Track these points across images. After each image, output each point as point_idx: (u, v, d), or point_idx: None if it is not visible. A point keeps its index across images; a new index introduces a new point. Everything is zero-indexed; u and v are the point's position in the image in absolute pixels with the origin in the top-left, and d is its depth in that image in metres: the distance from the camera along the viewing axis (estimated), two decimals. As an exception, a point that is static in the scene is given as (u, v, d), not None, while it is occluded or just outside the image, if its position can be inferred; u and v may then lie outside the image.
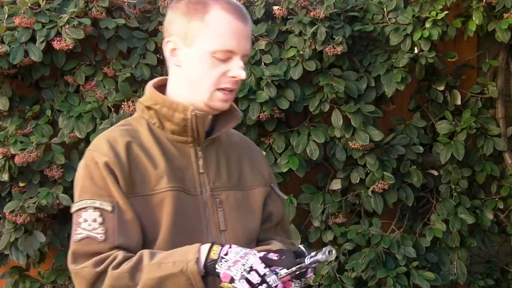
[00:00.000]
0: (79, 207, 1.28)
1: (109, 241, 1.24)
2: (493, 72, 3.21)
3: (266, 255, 1.18)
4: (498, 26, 2.87)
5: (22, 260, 2.67)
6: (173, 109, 1.33)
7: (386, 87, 2.87)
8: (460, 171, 3.08)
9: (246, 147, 1.52)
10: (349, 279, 2.87)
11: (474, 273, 3.26)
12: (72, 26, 2.63)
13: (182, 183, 1.33)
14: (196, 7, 1.32)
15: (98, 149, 1.30)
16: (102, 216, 1.25)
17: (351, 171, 2.94)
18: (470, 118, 3.03)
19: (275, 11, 2.87)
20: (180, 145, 1.36)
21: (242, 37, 1.31)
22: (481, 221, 3.09)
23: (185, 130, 1.35)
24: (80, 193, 1.29)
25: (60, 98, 2.79)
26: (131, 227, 1.26)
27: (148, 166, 1.31)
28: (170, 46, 1.35)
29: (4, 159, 2.62)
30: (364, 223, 2.98)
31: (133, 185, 1.29)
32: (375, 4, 2.96)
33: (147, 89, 1.39)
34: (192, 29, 1.31)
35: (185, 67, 1.34)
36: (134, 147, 1.31)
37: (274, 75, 2.74)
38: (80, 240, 1.25)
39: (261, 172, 1.50)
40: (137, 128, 1.36)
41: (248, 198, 1.44)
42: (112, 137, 1.32)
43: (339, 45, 2.78)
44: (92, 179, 1.28)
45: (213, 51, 1.29)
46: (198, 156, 1.37)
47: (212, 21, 1.30)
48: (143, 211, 1.29)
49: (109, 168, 1.27)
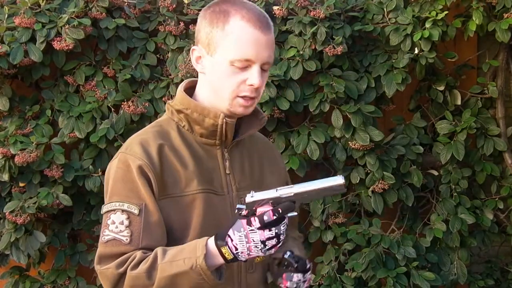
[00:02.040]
0: (108, 209, 1.34)
1: (134, 244, 1.30)
2: (493, 72, 3.21)
3: (261, 216, 1.23)
4: (498, 26, 2.87)
5: (23, 260, 2.67)
6: (204, 115, 1.39)
7: (386, 88, 2.87)
8: (460, 171, 3.08)
9: (267, 148, 1.61)
10: (349, 279, 2.87)
11: (474, 273, 3.26)
12: (72, 26, 2.63)
13: (211, 184, 1.40)
14: (218, 16, 1.37)
15: (132, 152, 1.35)
16: (129, 219, 1.31)
17: (351, 171, 2.94)
18: (470, 118, 3.02)
19: (275, 11, 2.86)
20: (207, 147, 1.43)
21: (261, 46, 1.35)
22: (481, 221, 3.09)
23: (213, 134, 1.41)
24: (111, 195, 1.35)
25: (60, 98, 2.79)
26: (156, 229, 1.32)
27: (179, 168, 1.36)
28: (195, 53, 1.41)
29: (4, 159, 2.62)
30: (364, 223, 2.98)
31: (165, 187, 1.34)
32: (375, 4, 2.96)
33: (178, 93, 1.44)
34: (214, 38, 1.36)
35: (208, 75, 1.39)
36: (166, 150, 1.37)
37: (274, 75, 2.75)
38: (106, 242, 1.31)
39: (279, 172, 1.59)
40: (167, 130, 1.42)
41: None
42: (145, 140, 1.37)
43: (339, 45, 2.78)
44: (123, 182, 1.33)
45: (231, 60, 1.34)
46: (225, 158, 1.44)
47: (231, 30, 1.34)
48: (174, 211, 1.35)
49: (143, 171, 1.32)
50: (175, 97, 1.45)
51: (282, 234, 1.25)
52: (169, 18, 2.85)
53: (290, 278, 1.44)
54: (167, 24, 2.84)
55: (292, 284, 1.44)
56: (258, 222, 1.22)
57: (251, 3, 1.40)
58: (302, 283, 1.45)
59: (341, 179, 1.24)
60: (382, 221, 3.01)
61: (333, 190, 1.25)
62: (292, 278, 1.44)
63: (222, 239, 1.25)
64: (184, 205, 1.35)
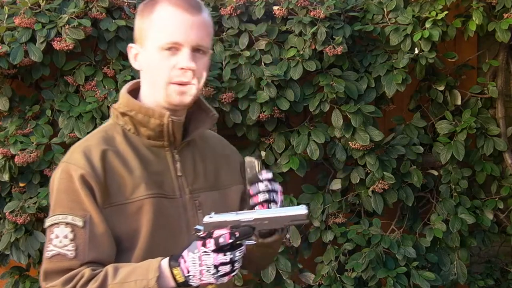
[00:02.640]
0: (51, 222, 1.27)
1: (80, 258, 1.24)
2: (493, 72, 3.21)
3: (217, 238, 1.16)
4: (498, 26, 2.87)
5: (23, 260, 2.68)
6: (149, 115, 1.32)
7: (386, 88, 2.86)
8: (460, 171, 3.08)
9: (222, 146, 1.53)
10: (349, 279, 2.87)
11: (474, 273, 3.26)
12: (72, 26, 2.63)
13: (161, 188, 1.33)
14: (146, 7, 1.33)
15: (73, 161, 1.28)
16: (73, 232, 1.24)
17: (351, 171, 2.94)
18: (470, 118, 3.03)
19: (275, 11, 2.86)
20: (156, 149, 1.36)
21: (190, 28, 1.29)
22: (481, 221, 3.09)
23: (161, 135, 1.34)
24: (54, 208, 1.28)
25: (60, 98, 2.79)
26: (102, 241, 1.25)
27: (124, 174, 1.30)
28: (133, 51, 1.36)
29: (4, 159, 2.62)
30: (364, 223, 2.98)
31: (110, 195, 1.27)
32: (375, 4, 2.96)
33: (121, 95, 1.38)
34: (144, 30, 1.32)
35: (145, 69, 1.34)
36: (109, 156, 1.30)
37: (274, 75, 2.75)
38: (51, 257, 1.25)
39: (237, 170, 1.50)
40: (112, 135, 1.35)
41: (226, 197, 1.44)
42: (87, 147, 1.31)
43: (339, 45, 2.78)
44: (66, 193, 1.27)
45: (159, 45, 1.29)
46: (175, 160, 1.37)
47: (157, 16, 1.30)
48: (121, 220, 1.28)
49: (85, 181, 1.25)
50: (119, 100, 1.39)
51: (237, 261, 1.17)
52: (169, 18, 2.85)
53: (257, 189, 1.34)
54: (167, 24, 2.84)
55: (262, 195, 1.33)
56: (213, 244, 1.15)
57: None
58: (274, 193, 1.35)
59: (304, 209, 1.21)
60: (382, 221, 3.01)
61: (296, 219, 1.21)
62: (259, 188, 1.34)
63: (176, 260, 1.19)
64: (132, 213, 1.28)
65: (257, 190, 1.34)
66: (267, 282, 2.78)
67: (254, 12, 2.87)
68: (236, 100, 2.75)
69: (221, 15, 2.87)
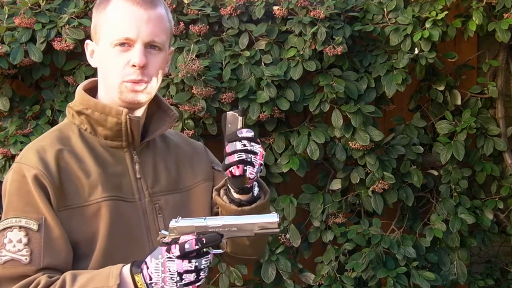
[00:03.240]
0: (4, 226, 1.20)
1: (35, 263, 1.18)
2: (493, 72, 3.21)
3: (183, 244, 1.10)
4: (498, 26, 2.87)
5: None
6: (105, 113, 1.27)
7: (386, 88, 2.86)
8: (460, 171, 3.08)
9: (185, 145, 1.47)
10: (349, 279, 2.87)
11: (474, 273, 3.26)
12: (72, 26, 2.63)
13: (119, 190, 1.28)
14: (102, 2, 1.29)
15: (27, 161, 1.23)
16: (27, 236, 1.18)
17: (351, 171, 2.94)
18: (470, 118, 3.03)
19: (275, 11, 2.86)
20: (114, 150, 1.31)
21: (141, 23, 1.24)
22: (481, 221, 3.09)
23: (118, 135, 1.29)
24: (6, 210, 1.22)
25: (60, 98, 2.79)
26: (58, 245, 1.20)
27: (80, 176, 1.24)
28: (89, 48, 1.33)
29: (4, 159, 2.63)
30: (364, 223, 2.98)
31: (65, 197, 1.22)
32: (375, 4, 2.96)
33: (77, 93, 1.33)
34: (97, 25, 1.29)
35: (99, 66, 1.31)
36: (65, 156, 1.25)
37: (274, 75, 2.75)
38: (4, 263, 1.18)
39: (202, 167, 1.45)
40: (68, 134, 1.29)
41: (188, 199, 1.39)
42: (41, 147, 1.25)
43: (339, 45, 2.78)
44: (19, 195, 1.21)
45: (112, 42, 1.25)
46: (134, 161, 1.32)
47: (110, 12, 1.26)
48: (77, 223, 1.23)
49: (38, 181, 1.20)
50: (75, 98, 1.33)
51: (202, 270, 1.11)
52: (169, 18, 2.85)
53: (233, 148, 1.23)
54: (167, 24, 2.84)
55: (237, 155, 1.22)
56: (178, 250, 1.09)
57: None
58: (252, 154, 1.23)
59: (275, 217, 1.14)
60: (382, 221, 3.01)
61: (267, 228, 1.14)
62: (236, 147, 1.23)
63: (138, 266, 1.13)
64: (88, 216, 1.22)
65: (234, 148, 1.22)
66: (267, 282, 2.78)
67: (254, 12, 2.87)
68: (236, 100, 2.75)
69: (221, 15, 2.87)
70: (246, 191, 1.30)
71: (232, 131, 1.25)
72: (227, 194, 1.33)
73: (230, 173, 1.24)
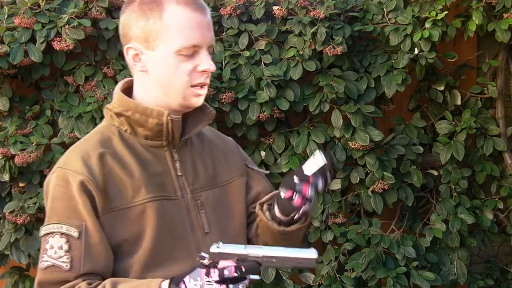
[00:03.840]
0: (46, 231, 1.23)
1: (75, 270, 1.20)
2: (493, 72, 3.21)
3: (222, 269, 1.13)
4: (498, 26, 2.87)
5: (23, 260, 2.68)
6: (146, 115, 1.28)
7: (386, 88, 2.86)
8: (460, 171, 3.08)
9: (217, 141, 1.48)
10: (349, 279, 2.87)
11: (474, 273, 3.26)
12: (72, 26, 2.63)
13: (162, 189, 1.29)
14: (151, 7, 1.26)
15: (71, 167, 1.24)
16: (68, 243, 1.21)
17: (351, 171, 2.94)
18: (470, 118, 3.02)
19: (275, 11, 2.86)
20: (154, 149, 1.32)
21: (204, 28, 1.27)
22: (481, 221, 3.09)
23: (159, 135, 1.30)
24: (49, 216, 1.24)
25: (60, 98, 2.79)
26: (98, 251, 1.22)
27: (123, 178, 1.25)
28: (131, 52, 1.29)
29: (4, 159, 2.63)
30: (364, 223, 2.98)
31: (110, 200, 1.23)
32: (375, 4, 2.96)
33: (115, 95, 1.33)
34: (152, 31, 1.26)
35: (152, 72, 1.28)
36: (108, 159, 1.26)
37: (274, 75, 2.75)
38: (46, 268, 1.21)
39: (235, 162, 1.46)
40: (109, 136, 1.30)
41: (226, 194, 1.41)
42: (84, 151, 1.26)
43: (339, 45, 2.78)
44: (62, 200, 1.22)
45: (177, 49, 1.25)
46: (174, 159, 1.33)
47: (170, 19, 1.25)
48: (122, 224, 1.24)
49: (84, 187, 1.21)
50: (113, 100, 1.33)
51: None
52: (169, 18, 2.85)
53: (316, 182, 1.24)
54: (167, 24, 2.84)
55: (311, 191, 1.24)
56: (217, 275, 1.11)
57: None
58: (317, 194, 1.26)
59: (314, 254, 1.16)
60: (382, 221, 3.01)
61: (304, 262, 1.16)
62: (317, 184, 1.24)
63: (176, 284, 1.14)
64: (133, 217, 1.24)
65: (316, 183, 1.24)
66: (267, 282, 2.78)
67: (254, 12, 2.87)
68: (236, 100, 2.76)
69: (221, 15, 2.87)
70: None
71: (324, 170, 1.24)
72: (269, 210, 1.36)
73: (289, 197, 1.25)
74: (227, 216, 1.39)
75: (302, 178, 1.25)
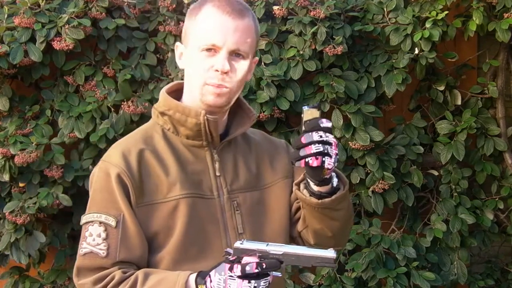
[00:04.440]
0: (86, 220, 1.30)
1: (111, 257, 1.27)
2: (493, 72, 3.21)
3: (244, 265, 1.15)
4: (498, 26, 2.87)
5: (23, 260, 2.68)
6: (185, 114, 1.33)
7: (386, 88, 2.86)
8: (460, 171, 3.08)
9: (266, 144, 1.50)
10: (349, 279, 2.87)
11: (474, 273, 3.26)
12: (72, 26, 2.63)
13: (198, 188, 1.33)
14: (194, 8, 1.35)
15: (111, 160, 1.31)
16: (106, 232, 1.27)
17: (351, 171, 2.94)
18: (470, 118, 3.02)
19: (275, 11, 2.86)
20: (195, 149, 1.36)
21: (228, 31, 1.30)
22: (481, 221, 3.08)
23: (199, 135, 1.35)
24: (90, 205, 1.32)
25: (60, 98, 2.79)
26: (134, 241, 1.28)
27: (160, 174, 1.31)
28: (179, 50, 1.38)
29: (4, 159, 2.62)
30: (364, 223, 2.98)
31: (145, 193, 1.29)
32: (375, 4, 2.96)
33: (160, 95, 1.39)
34: (188, 29, 1.35)
35: (187, 69, 1.36)
36: (147, 155, 1.32)
37: (274, 75, 2.74)
38: (84, 255, 1.28)
39: (282, 165, 1.47)
40: (152, 134, 1.37)
41: (267, 197, 1.43)
42: (126, 146, 1.33)
43: (339, 45, 2.78)
44: (102, 192, 1.30)
45: (199, 46, 1.31)
46: (214, 159, 1.37)
47: (200, 17, 1.32)
48: (155, 218, 1.30)
49: (120, 179, 1.28)
50: (159, 100, 1.40)
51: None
52: (169, 18, 2.85)
53: (310, 139, 1.22)
54: (167, 24, 2.84)
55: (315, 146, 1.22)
56: (239, 271, 1.15)
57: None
58: (328, 145, 1.23)
59: (333, 253, 1.18)
60: (382, 221, 3.00)
61: (323, 261, 1.18)
62: (313, 137, 1.22)
63: (203, 278, 1.20)
64: (166, 212, 1.30)
65: (310, 139, 1.22)
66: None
67: (254, 12, 2.87)
68: (236, 100, 2.75)
69: (221, 15, 2.87)
70: (326, 182, 1.31)
71: (310, 121, 1.24)
72: (307, 188, 1.35)
73: (305, 163, 1.24)
74: (265, 219, 1.41)
75: (298, 143, 1.25)
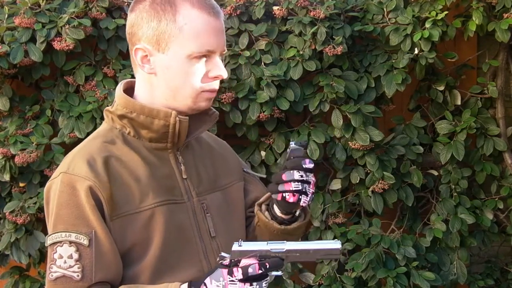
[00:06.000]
0: (54, 240, 1.17)
1: (87, 279, 1.15)
2: (493, 72, 3.21)
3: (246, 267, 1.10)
4: (498, 26, 2.87)
5: (23, 260, 2.68)
6: (152, 116, 1.24)
7: (386, 88, 2.86)
8: (460, 171, 3.08)
9: (214, 144, 1.45)
10: (349, 279, 2.87)
11: (474, 273, 3.26)
12: (72, 26, 2.63)
13: (170, 193, 1.26)
14: (164, 7, 1.21)
15: (76, 172, 1.18)
16: (78, 252, 1.16)
17: (351, 171, 2.94)
18: (470, 118, 3.03)
19: (275, 11, 2.86)
20: (158, 152, 1.28)
21: (219, 34, 1.24)
22: (481, 221, 3.09)
23: (164, 137, 1.26)
24: (55, 223, 1.18)
25: (60, 98, 2.79)
26: (109, 258, 1.17)
27: (130, 182, 1.22)
28: (140, 53, 1.24)
29: (4, 159, 2.63)
30: (364, 223, 2.98)
31: (117, 205, 1.19)
32: (375, 4, 2.96)
33: (118, 97, 1.28)
34: (164, 33, 1.21)
35: (162, 75, 1.24)
36: (112, 162, 1.21)
37: (274, 75, 2.75)
38: (55, 279, 1.16)
39: (234, 166, 1.45)
40: (112, 139, 1.26)
41: (228, 197, 1.39)
42: (89, 155, 1.21)
43: (339, 45, 2.78)
44: (68, 207, 1.17)
45: (190, 54, 1.21)
46: (178, 162, 1.30)
47: (184, 21, 1.21)
48: (130, 230, 1.20)
49: (92, 192, 1.17)
50: (115, 102, 1.28)
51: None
52: (169, 18, 2.85)
53: (291, 177, 1.24)
54: (167, 24, 2.84)
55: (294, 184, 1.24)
56: (240, 274, 1.08)
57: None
58: (307, 184, 1.25)
59: (338, 244, 1.14)
60: (382, 221, 3.01)
61: (328, 254, 1.14)
62: (294, 176, 1.24)
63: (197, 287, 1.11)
64: (141, 222, 1.20)
65: (291, 177, 1.24)
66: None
67: (254, 12, 2.87)
68: (236, 100, 2.76)
69: (221, 15, 2.87)
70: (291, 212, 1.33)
71: (293, 160, 1.26)
72: (268, 210, 1.35)
73: (282, 198, 1.26)
74: (231, 219, 1.38)
75: (278, 179, 1.26)
